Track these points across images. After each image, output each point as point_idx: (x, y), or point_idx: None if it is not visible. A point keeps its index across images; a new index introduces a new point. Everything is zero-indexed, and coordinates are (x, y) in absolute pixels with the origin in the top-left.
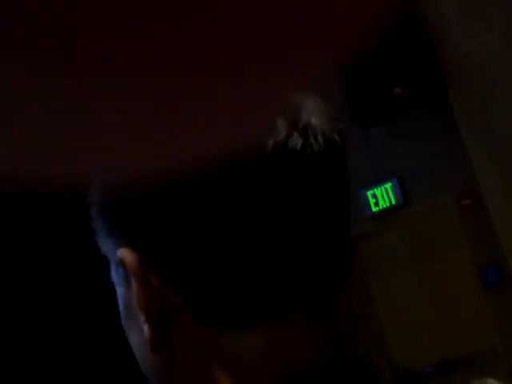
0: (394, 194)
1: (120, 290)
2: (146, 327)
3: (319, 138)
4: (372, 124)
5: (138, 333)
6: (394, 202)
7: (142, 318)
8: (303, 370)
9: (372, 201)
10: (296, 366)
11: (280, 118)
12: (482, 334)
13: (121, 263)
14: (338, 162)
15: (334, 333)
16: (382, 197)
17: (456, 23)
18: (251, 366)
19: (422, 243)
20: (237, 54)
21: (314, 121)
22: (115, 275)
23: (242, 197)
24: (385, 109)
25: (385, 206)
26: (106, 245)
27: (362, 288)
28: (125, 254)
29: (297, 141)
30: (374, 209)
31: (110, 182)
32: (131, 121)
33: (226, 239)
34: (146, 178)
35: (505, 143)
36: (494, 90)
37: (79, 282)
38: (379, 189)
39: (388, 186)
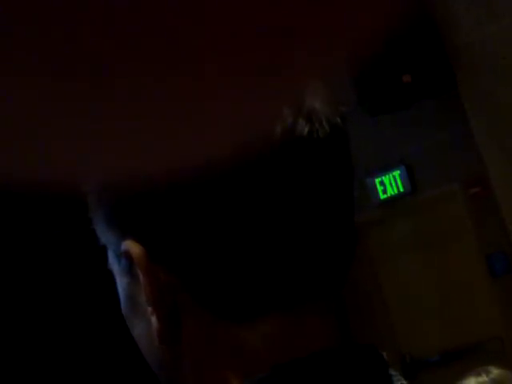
0: (401, 181)
1: (122, 280)
2: (154, 319)
3: (324, 123)
4: (380, 112)
5: (144, 324)
6: (402, 189)
7: (149, 309)
8: (308, 356)
9: (380, 188)
10: (304, 355)
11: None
12: (488, 322)
13: (126, 255)
14: (343, 146)
15: (342, 321)
16: (389, 184)
17: (465, 11)
18: (260, 357)
19: (429, 231)
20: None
21: (318, 105)
22: (116, 266)
23: (250, 186)
24: (393, 96)
25: (393, 193)
26: (105, 235)
27: (370, 275)
28: (131, 246)
29: (303, 127)
30: (382, 196)
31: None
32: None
33: (232, 230)
34: (153, 172)
35: None
36: (503, 78)
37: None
38: (387, 176)
39: (396, 173)
